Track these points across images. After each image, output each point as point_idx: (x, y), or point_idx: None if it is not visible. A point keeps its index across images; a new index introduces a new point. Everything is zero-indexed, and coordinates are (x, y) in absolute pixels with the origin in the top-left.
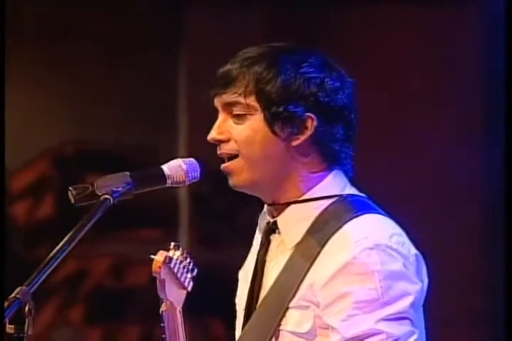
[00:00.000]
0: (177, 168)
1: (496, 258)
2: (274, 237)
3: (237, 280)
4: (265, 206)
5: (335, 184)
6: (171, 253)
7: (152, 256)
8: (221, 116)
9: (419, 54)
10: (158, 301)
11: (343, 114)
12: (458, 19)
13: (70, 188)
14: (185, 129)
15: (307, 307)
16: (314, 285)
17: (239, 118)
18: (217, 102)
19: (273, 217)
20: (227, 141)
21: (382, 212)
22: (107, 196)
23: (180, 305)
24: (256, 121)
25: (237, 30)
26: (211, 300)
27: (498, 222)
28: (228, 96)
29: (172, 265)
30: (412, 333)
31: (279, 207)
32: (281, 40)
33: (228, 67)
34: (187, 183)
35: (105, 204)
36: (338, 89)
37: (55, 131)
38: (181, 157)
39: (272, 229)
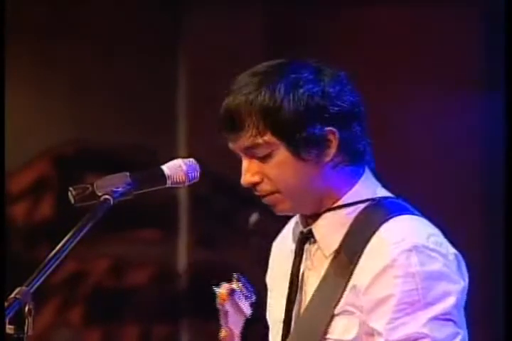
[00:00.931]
0: (177, 169)
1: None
2: (308, 246)
3: None
4: (297, 216)
5: (366, 187)
6: (234, 285)
7: (216, 290)
8: (246, 159)
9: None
10: (157, 302)
11: (354, 113)
12: (458, 19)
13: (70, 188)
14: (185, 130)
15: (353, 313)
16: (357, 288)
17: (264, 157)
18: (234, 147)
19: (306, 226)
20: (261, 181)
21: (417, 213)
22: (106, 196)
23: (239, 329)
24: (282, 155)
25: (236, 31)
26: (211, 300)
27: (498, 220)
28: (244, 141)
29: (236, 297)
30: (456, 335)
31: (313, 216)
32: (279, 40)
33: (229, 103)
34: (187, 184)
35: (105, 205)
36: (340, 93)
37: (54, 131)
38: (181, 157)
39: (306, 237)
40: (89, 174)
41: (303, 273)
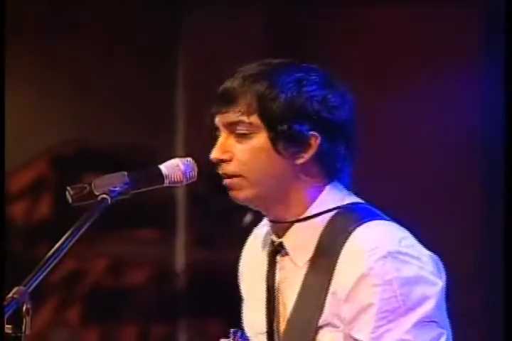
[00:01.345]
0: (174, 168)
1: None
2: (280, 258)
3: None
4: (265, 221)
5: (333, 196)
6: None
7: None
8: (223, 135)
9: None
10: (155, 301)
11: (345, 131)
12: (458, 19)
13: (68, 188)
14: (183, 129)
15: (337, 326)
16: (337, 296)
17: (242, 137)
18: (219, 121)
19: (278, 237)
20: (230, 160)
21: (386, 217)
22: (104, 196)
23: None
24: (259, 140)
25: (236, 31)
26: (209, 299)
27: (497, 220)
28: (231, 116)
29: None
30: (440, 335)
31: (282, 226)
32: (279, 39)
33: (229, 84)
34: (184, 183)
35: (103, 204)
36: (339, 106)
37: (53, 131)
38: (179, 157)
39: (277, 250)
40: (88, 174)
41: (278, 285)
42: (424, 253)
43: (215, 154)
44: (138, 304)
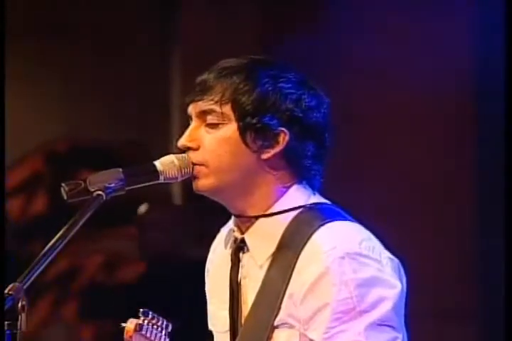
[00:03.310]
0: (169, 164)
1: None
2: (242, 255)
3: None
4: (231, 220)
5: (299, 195)
6: (140, 320)
7: (123, 324)
8: (194, 124)
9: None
10: (150, 297)
11: (316, 133)
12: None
13: (63, 184)
14: (178, 126)
15: (293, 326)
16: (294, 297)
17: (212, 127)
18: (192, 109)
19: (241, 233)
20: (197, 149)
21: (349, 218)
22: (99, 192)
23: None
24: (229, 131)
25: (231, 26)
26: (203, 297)
27: (490, 215)
28: (204, 104)
29: (144, 331)
30: (395, 339)
31: (246, 221)
32: (275, 34)
33: (206, 75)
34: (180, 179)
35: (98, 201)
36: (313, 108)
37: (48, 128)
38: (174, 153)
39: (240, 246)
40: (82, 170)
41: (241, 283)
42: (385, 256)
43: (182, 141)
44: (133, 300)
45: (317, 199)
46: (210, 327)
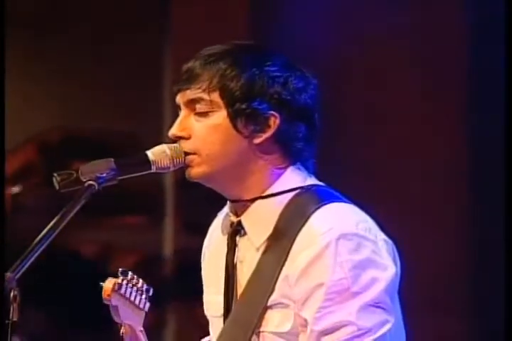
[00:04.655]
0: (161, 154)
1: (475, 247)
2: (239, 238)
3: None
4: (227, 205)
5: (295, 176)
6: (119, 279)
7: (101, 284)
8: (183, 113)
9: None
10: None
11: (306, 114)
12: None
13: (55, 174)
14: (170, 116)
15: (287, 306)
16: (289, 279)
17: (202, 115)
18: (180, 98)
19: (237, 216)
20: (188, 138)
21: (345, 200)
22: (91, 182)
23: (140, 325)
24: (219, 118)
25: (223, 18)
26: (196, 286)
27: (479, 210)
28: (191, 92)
29: (122, 291)
30: (385, 322)
31: (242, 205)
32: (264, 24)
33: (192, 63)
34: (172, 169)
35: (90, 191)
36: (301, 89)
37: (40, 118)
38: (166, 143)
39: (236, 230)
40: (75, 161)
41: (237, 266)
42: (380, 238)
43: (173, 131)
44: None
45: (313, 181)
46: (206, 312)
